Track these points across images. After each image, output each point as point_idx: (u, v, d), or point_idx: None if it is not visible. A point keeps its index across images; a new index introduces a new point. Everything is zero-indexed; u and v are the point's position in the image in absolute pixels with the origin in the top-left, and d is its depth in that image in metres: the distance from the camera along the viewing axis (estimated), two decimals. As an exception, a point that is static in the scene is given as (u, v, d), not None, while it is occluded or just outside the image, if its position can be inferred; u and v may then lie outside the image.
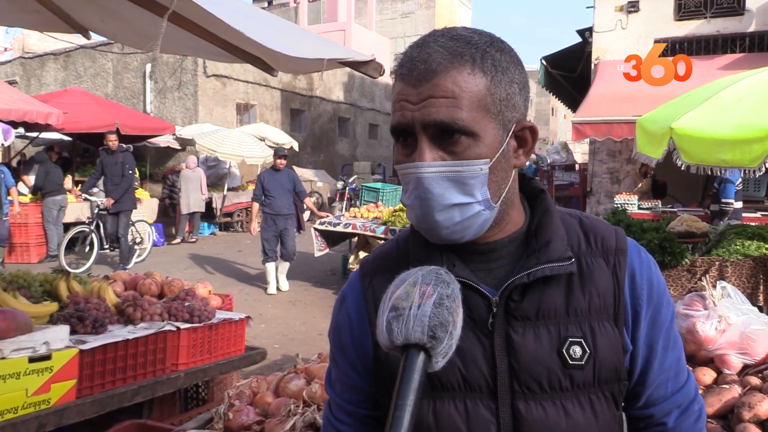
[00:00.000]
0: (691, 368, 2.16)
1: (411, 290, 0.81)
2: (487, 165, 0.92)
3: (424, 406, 0.96)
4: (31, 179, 11.35)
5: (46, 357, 2.49)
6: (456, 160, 0.91)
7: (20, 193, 11.68)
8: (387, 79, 26.51)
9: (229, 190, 14.81)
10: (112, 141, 9.37)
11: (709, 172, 5.12)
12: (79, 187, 12.28)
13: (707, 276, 4.71)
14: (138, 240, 10.33)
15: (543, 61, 15.23)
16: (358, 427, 1.08)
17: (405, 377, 0.78)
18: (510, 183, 0.98)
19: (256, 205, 8.72)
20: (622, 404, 1.05)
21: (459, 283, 0.85)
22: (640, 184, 11.11)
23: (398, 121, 0.93)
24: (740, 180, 8.45)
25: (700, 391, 2.04)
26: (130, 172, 9.38)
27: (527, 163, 1.04)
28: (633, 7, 13.58)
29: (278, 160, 8.53)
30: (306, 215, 9.96)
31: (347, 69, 3.82)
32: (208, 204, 13.87)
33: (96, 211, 9.72)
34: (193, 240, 13.14)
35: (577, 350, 0.95)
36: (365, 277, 1.07)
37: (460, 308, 0.82)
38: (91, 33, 3.87)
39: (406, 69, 0.93)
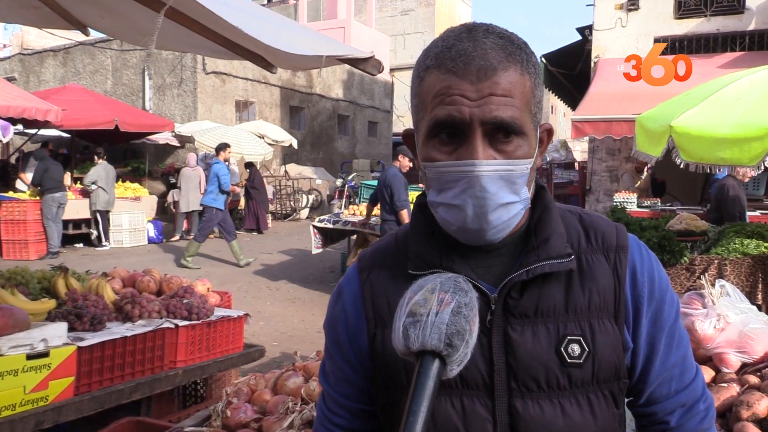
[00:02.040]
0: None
1: (429, 297, 0.80)
2: (530, 164, 0.94)
3: None
4: (28, 176, 11.34)
5: (44, 354, 2.49)
6: (506, 159, 0.91)
7: (18, 190, 11.68)
8: (386, 76, 26.53)
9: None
10: None
11: (708, 171, 5.12)
12: (78, 184, 12.29)
13: (706, 274, 4.71)
14: None
15: (543, 59, 15.21)
16: (352, 420, 1.08)
17: (419, 383, 0.78)
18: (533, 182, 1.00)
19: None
20: (626, 401, 1.04)
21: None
22: (638, 182, 11.11)
23: (450, 116, 0.89)
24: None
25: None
26: None
27: None
28: (633, 5, 13.57)
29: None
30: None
31: (347, 66, 3.86)
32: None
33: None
34: (192, 238, 13.11)
35: (575, 348, 0.94)
36: (363, 272, 1.07)
37: (477, 317, 0.81)
38: (90, 29, 3.87)
39: (461, 62, 0.89)
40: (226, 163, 10.20)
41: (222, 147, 10.20)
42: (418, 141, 0.98)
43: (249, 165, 13.98)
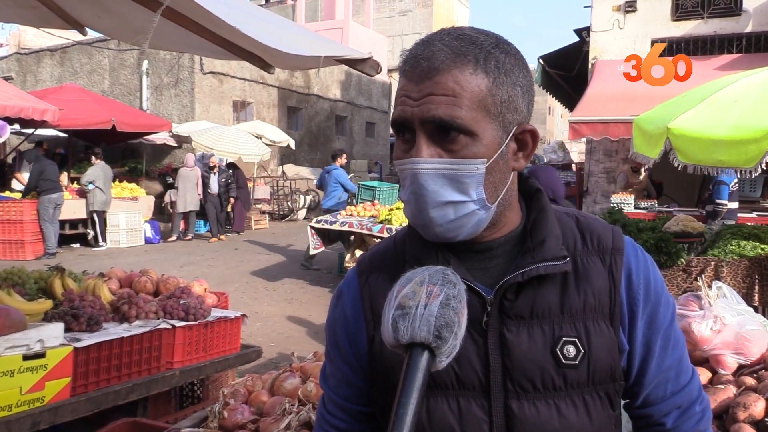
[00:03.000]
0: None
1: (418, 289, 0.81)
2: (484, 165, 0.92)
3: None
4: (24, 176, 11.31)
5: (41, 355, 2.48)
6: (453, 158, 0.91)
7: (15, 190, 11.66)
8: (384, 77, 26.53)
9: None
10: None
11: (706, 173, 5.13)
12: (75, 184, 12.26)
13: (703, 276, 4.71)
14: None
15: (540, 61, 15.24)
16: (351, 423, 1.08)
17: (409, 376, 0.78)
18: (508, 185, 0.98)
19: None
20: (622, 403, 1.04)
21: None
22: (635, 182, 11.12)
23: (398, 116, 0.94)
24: (735, 181, 8.46)
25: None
26: None
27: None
28: (630, 7, 13.60)
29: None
30: None
31: (344, 67, 3.83)
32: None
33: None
34: (189, 238, 13.12)
35: (570, 350, 0.95)
36: (362, 275, 1.07)
37: (466, 309, 0.82)
38: (87, 29, 3.86)
39: (409, 66, 0.94)
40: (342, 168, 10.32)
41: (338, 153, 10.49)
42: None
43: (231, 166, 13.90)
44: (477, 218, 0.95)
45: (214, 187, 12.83)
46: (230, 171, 13.47)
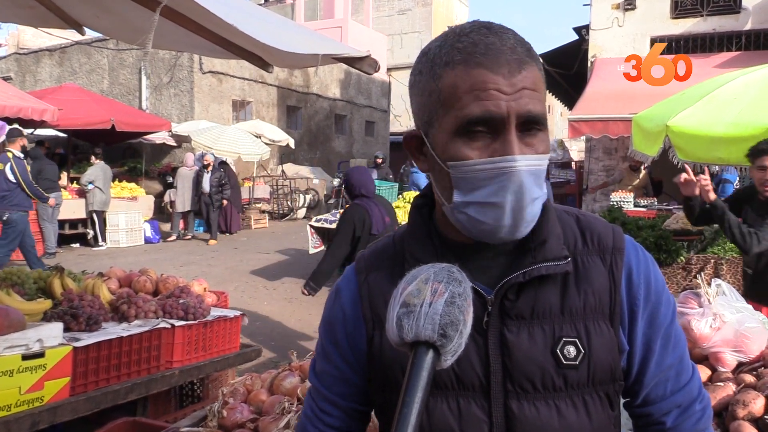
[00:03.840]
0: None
1: (423, 287, 0.80)
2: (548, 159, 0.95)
3: None
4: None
5: (40, 354, 2.48)
6: (534, 153, 0.91)
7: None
8: (383, 75, 26.52)
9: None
10: None
11: (706, 170, 5.13)
12: (74, 184, 12.25)
13: (702, 273, 4.71)
14: None
15: (540, 59, 15.21)
16: (345, 420, 1.07)
17: (413, 374, 0.77)
18: None
19: None
20: (622, 402, 1.04)
21: None
22: (636, 180, 11.11)
23: (488, 111, 0.87)
24: (738, 178, 8.46)
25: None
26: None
27: None
28: (629, 4, 13.59)
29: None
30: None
31: (344, 66, 3.84)
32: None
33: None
34: (189, 237, 13.11)
35: (571, 350, 0.94)
36: (361, 273, 1.07)
37: (471, 307, 0.81)
38: (85, 29, 3.86)
39: (491, 56, 0.88)
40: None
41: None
42: (435, 140, 0.94)
43: (223, 164, 13.83)
44: (538, 211, 0.95)
45: (206, 186, 12.72)
46: (222, 170, 13.25)
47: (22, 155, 8.75)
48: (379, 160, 14.21)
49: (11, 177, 8.36)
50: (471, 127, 0.89)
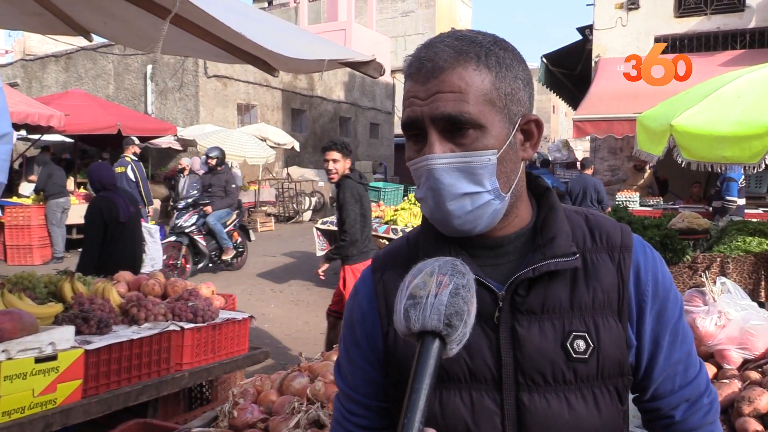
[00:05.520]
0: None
1: (428, 280, 0.83)
2: (495, 155, 0.95)
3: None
4: (35, 178, 11.40)
5: (52, 357, 2.52)
6: (465, 151, 0.94)
7: (22, 195, 11.73)
8: (388, 78, 26.54)
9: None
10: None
11: (710, 169, 5.14)
12: (81, 189, 12.31)
13: (707, 272, 4.72)
14: None
15: (543, 59, 15.23)
16: (374, 419, 1.09)
17: (421, 362, 0.81)
18: (519, 174, 1.01)
19: None
20: (630, 398, 1.06)
21: None
22: (641, 180, 11.11)
23: (408, 117, 0.97)
24: (743, 177, 8.45)
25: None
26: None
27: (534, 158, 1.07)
28: (633, 4, 13.59)
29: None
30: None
31: (348, 69, 3.86)
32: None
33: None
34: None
35: (580, 344, 0.97)
36: (376, 272, 1.10)
37: (474, 298, 0.84)
38: (92, 35, 3.90)
39: (414, 68, 0.97)
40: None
41: None
42: None
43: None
44: (493, 208, 0.97)
45: (182, 191, 12.65)
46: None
47: (137, 159, 10.37)
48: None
49: (132, 177, 10.02)
50: (407, 132, 0.99)
